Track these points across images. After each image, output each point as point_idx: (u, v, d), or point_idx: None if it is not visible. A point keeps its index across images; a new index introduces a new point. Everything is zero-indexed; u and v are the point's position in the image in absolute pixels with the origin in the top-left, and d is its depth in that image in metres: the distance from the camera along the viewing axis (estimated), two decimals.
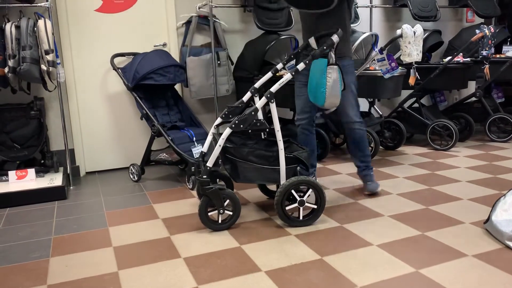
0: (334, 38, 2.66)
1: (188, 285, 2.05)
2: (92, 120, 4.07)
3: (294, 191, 2.61)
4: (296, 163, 2.70)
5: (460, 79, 4.53)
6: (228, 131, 2.56)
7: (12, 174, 3.45)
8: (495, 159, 4.04)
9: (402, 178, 3.58)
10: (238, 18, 4.41)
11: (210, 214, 2.63)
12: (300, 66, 2.67)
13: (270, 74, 2.94)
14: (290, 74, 2.64)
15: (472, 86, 4.83)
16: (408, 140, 4.84)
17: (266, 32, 4.21)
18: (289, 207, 2.64)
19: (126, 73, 3.73)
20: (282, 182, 2.62)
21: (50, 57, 3.31)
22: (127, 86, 3.70)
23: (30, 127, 3.65)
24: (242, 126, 2.57)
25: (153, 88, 3.81)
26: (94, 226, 2.82)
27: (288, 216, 2.65)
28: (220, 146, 2.58)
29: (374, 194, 3.20)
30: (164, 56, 3.76)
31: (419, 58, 3.89)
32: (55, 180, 3.48)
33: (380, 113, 4.67)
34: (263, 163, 2.65)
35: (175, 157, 3.63)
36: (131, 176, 3.87)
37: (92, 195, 3.47)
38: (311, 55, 2.67)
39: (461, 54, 4.55)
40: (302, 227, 2.64)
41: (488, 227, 2.48)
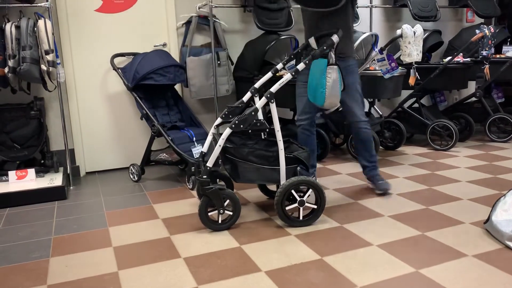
0: (334, 38, 2.66)
1: (188, 285, 2.05)
2: (92, 120, 4.07)
3: (294, 191, 2.61)
4: (296, 163, 2.70)
5: (460, 79, 4.53)
6: (228, 131, 2.56)
7: (12, 174, 3.45)
8: (495, 159, 4.04)
9: (402, 178, 3.57)
10: (238, 18, 4.41)
11: (210, 214, 2.63)
12: (300, 66, 2.67)
13: (270, 74, 2.94)
14: (290, 74, 2.63)
15: (472, 86, 4.83)
16: (408, 140, 4.84)
17: (266, 32, 4.21)
18: (289, 207, 2.64)
19: (126, 73, 3.73)
20: (282, 182, 2.62)
21: (50, 57, 3.32)
22: (127, 86, 3.70)
23: (30, 127, 3.65)
24: (242, 126, 2.57)
25: (153, 88, 3.81)
26: (94, 226, 2.82)
27: (288, 216, 2.65)
28: (220, 146, 2.58)
29: (385, 193, 3.19)
30: (164, 56, 3.76)
31: (419, 58, 3.90)
32: (55, 180, 3.48)
33: (380, 113, 4.67)
34: (263, 163, 2.65)
35: (175, 157, 3.63)
36: (131, 176, 3.87)
37: (92, 195, 3.47)
38: (311, 55, 2.68)
39: (461, 54, 4.55)
40: (302, 227, 2.64)
41: (488, 227, 2.48)
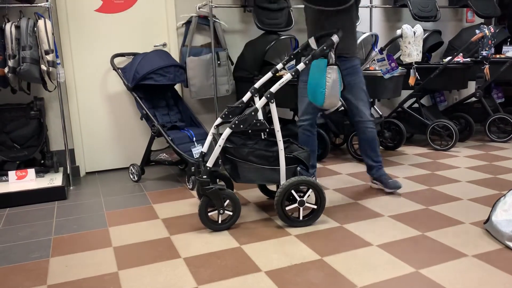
0: (334, 38, 2.66)
1: (188, 285, 2.05)
2: (92, 120, 4.07)
3: (294, 191, 2.61)
4: (296, 163, 2.70)
5: (460, 79, 4.53)
6: (228, 131, 2.56)
7: (12, 174, 3.45)
8: (495, 159, 4.04)
9: (402, 178, 3.57)
10: (238, 18, 4.41)
11: (210, 214, 2.63)
12: (300, 66, 2.66)
13: (270, 74, 2.93)
14: (290, 74, 2.63)
15: (472, 86, 4.83)
16: (408, 140, 4.84)
17: (266, 32, 4.21)
18: (289, 207, 2.64)
19: (126, 73, 3.73)
20: (282, 182, 2.62)
21: (50, 57, 3.32)
22: (127, 86, 3.70)
23: (30, 127, 3.65)
24: (242, 126, 2.57)
25: (153, 88, 3.81)
26: (94, 226, 2.82)
27: (288, 216, 2.65)
28: (220, 146, 2.58)
29: (394, 192, 3.20)
30: (164, 56, 3.76)
31: (419, 58, 3.90)
32: (55, 180, 3.48)
33: (380, 113, 4.67)
34: (263, 163, 2.65)
35: (175, 157, 3.63)
36: (131, 176, 3.87)
37: (92, 195, 3.47)
38: (311, 55, 2.68)
39: (461, 54, 4.55)
40: (302, 227, 2.64)
41: (488, 227, 2.48)
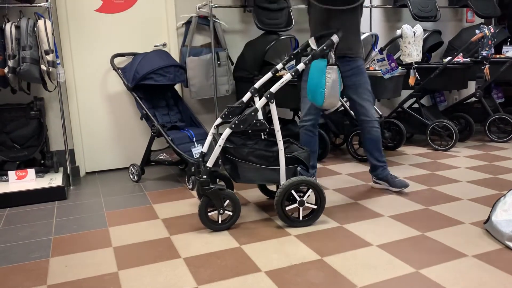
0: (334, 39, 2.66)
1: (188, 285, 2.05)
2: (92, 120, 4.07)
3: (294, 191, 2.61)
4: (296, 163, 2.70)
5: (460, 80, 4.53)
6: (228, 131, 2.56)
7: (12, 174, 3.45)
8: (495, 159, 4.04)
9: (402, 178, 3.56)
10: (238, 18, 4.41)
11: (210, 214, 2.63)
12: (300, 66, 2.67)
13: (270, 74, 2.93)
14: (290, 75, 2.63)
15: (472, 86, 4.83)
16: (408, 140, 4.84)
17: (266, 32, 4.21)
18: (289, 208, 2.64)
19: (126, 73, 3.73)
20: (282, 183, 2.62)
21: (50, 57, 3.31)
22: (127, 86, 3.70)
23: (30, 127, 3.65)
24: (242, 126, 2.57)
25: (153, 88, 3.81)
26: (94, 226, 2.82)
27: (288, 217, 2.65)
28: (220, 146, 2.58)
29: (401, 191, 3.21)
30: (164, 56, 3.76)
31: (419, 58, 3.90)
32: (55, 180, 3.48)
33: (380, 113, 4.67)
34: (263, 164, 2.65)
35: (175, 157, 3.63)
36: (131, 176, 3.87)
37: (92, 195, 3.47)
38: (311, 55, 2.68)
39: (461, 54, 4.55)
40: (302, 227, 2.64)
41: (488, 227, 2.48)
